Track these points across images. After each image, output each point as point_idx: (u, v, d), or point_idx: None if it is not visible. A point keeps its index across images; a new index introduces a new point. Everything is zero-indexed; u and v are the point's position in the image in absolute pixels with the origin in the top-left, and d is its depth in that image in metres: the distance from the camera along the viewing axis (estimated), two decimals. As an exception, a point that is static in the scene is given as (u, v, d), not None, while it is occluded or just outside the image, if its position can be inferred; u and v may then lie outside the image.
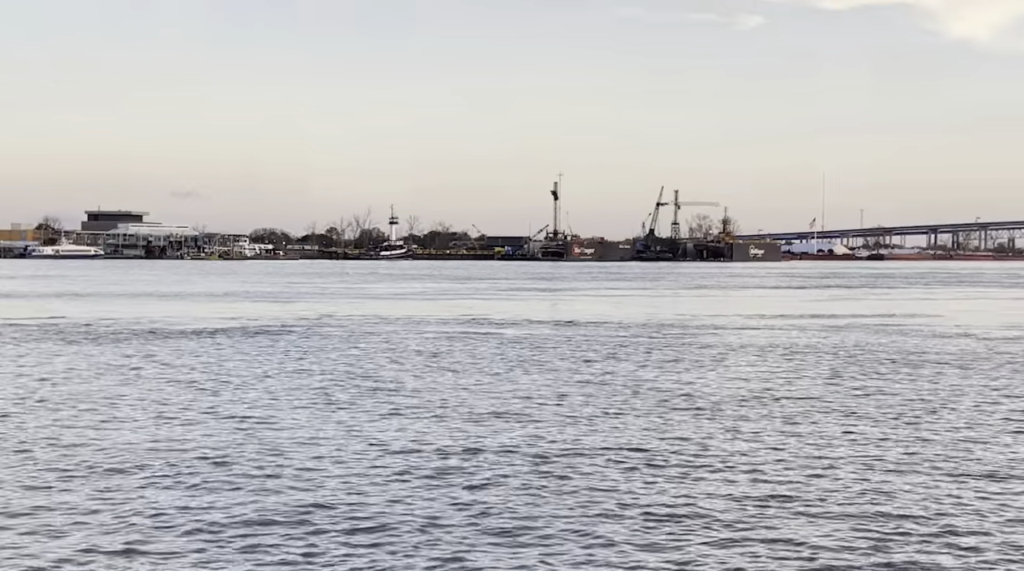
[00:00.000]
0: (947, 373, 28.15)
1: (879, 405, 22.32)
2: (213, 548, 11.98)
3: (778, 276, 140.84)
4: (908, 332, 42.29)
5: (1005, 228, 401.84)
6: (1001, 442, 18.12)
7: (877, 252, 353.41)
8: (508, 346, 35.34)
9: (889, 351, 34.11)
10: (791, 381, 26.34)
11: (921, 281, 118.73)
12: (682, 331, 42.35)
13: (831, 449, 17.42)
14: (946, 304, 68.19)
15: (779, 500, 14.08)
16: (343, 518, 13.14)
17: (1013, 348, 35.50)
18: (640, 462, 16.34)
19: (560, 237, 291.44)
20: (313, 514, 13.31)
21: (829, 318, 51.38)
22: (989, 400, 23.15)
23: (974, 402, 22.80)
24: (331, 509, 13.54)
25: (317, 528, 12.75)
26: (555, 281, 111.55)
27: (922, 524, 12.99)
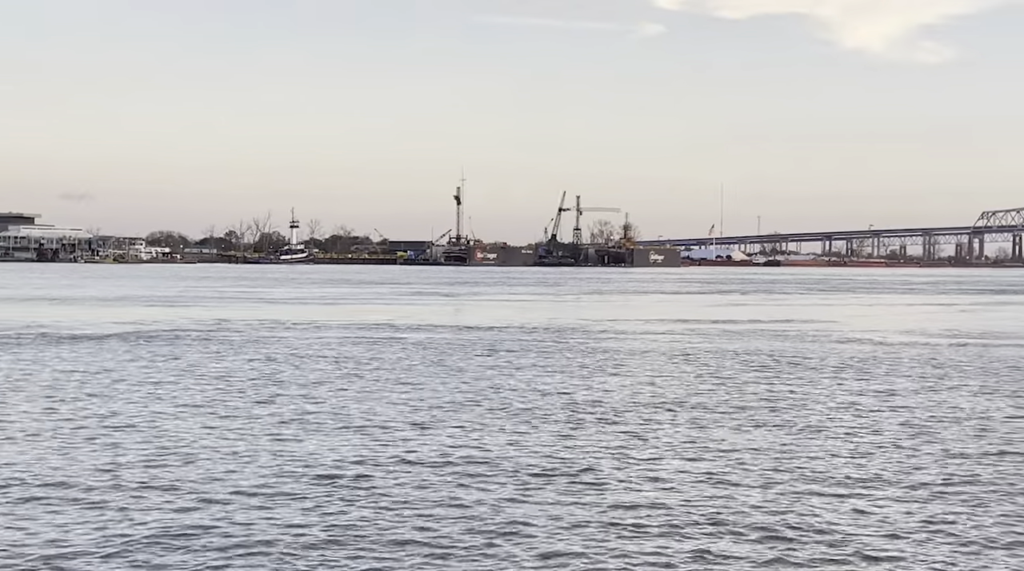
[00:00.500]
0: (846, 377, 28.46)
1: (780, 409, 22.38)
2: (79, 566, 11.36)
3: (678, 281, 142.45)
4: (806, 337, 42.85)
5: (896, 235, 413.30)
6: (903, 446, 18.24)
7: (774, 258, 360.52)
8: (411, 351, 34.87)
9: (788, 356, 34.44)
10: (693, 386, 26.35)
11: (817, 287, 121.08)
12: (585, 336, 42.33)
13: (733, 454, 17.34)
14: (842, 309, 69.48)
15: (683, 506, 13.91)
16: (231, 531, 12.60)
17: (910, 352, 36.13)
18: (546, 470, 16.06)
19: (463, 242, 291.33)
20: (197, 528, 12.74)
21: (729, 323, 51.90)
22: (889, 404, 23.39)
23: (874, 405, 23.01)
24: (219, 521, 12.98)
25: (200, 543, 12.18)
26: (457, 286, 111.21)
27: (825, 532, 12.91)
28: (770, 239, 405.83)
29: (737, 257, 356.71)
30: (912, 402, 23.70)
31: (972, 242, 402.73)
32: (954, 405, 23.28)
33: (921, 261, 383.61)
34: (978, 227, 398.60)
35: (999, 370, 30.59)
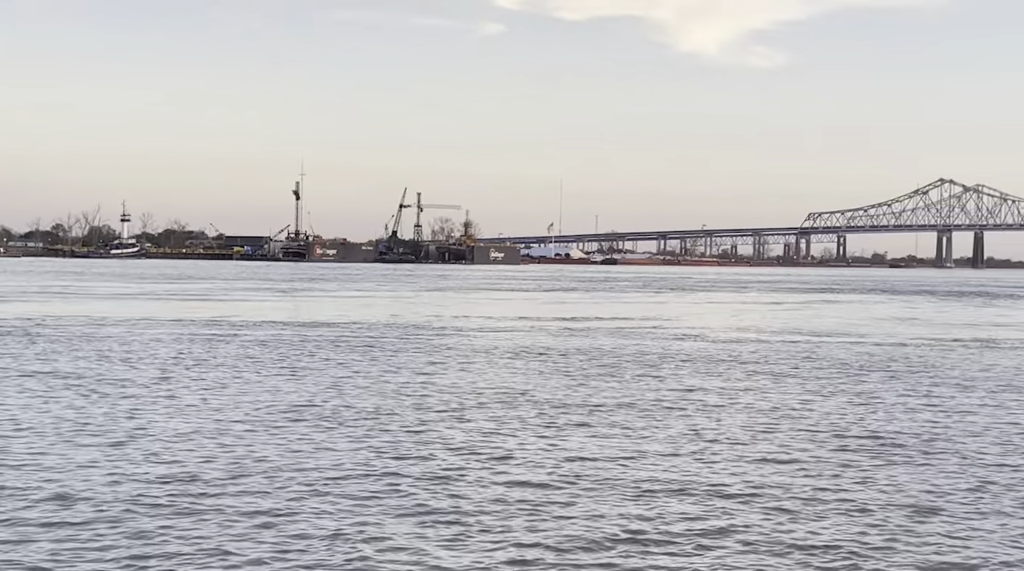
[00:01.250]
0: (685, 373, 28.83)
1: (623, 404, 22.45)
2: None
3: (518, 279, 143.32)
4: (646, 334, 43.42)
5: (728, 235, 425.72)
6: (738, 439, 18.45)
7: (611, 256, 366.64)
8: (249, 349, 33.87)
9: (630, 353, 34.77)
10: (539, 383, 26.26)
11: (653, 285, 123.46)
12: (428, 333, 41.94)
13: (575, 449, 17.23)
14: (679, 307, 70.86)
15: (530, 502, 13.68)
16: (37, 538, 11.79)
17: (744, 348, 36.93)
18: (395, 468, 15.63)
19: (302, 237, 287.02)
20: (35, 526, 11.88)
21: (570, 321, 52.25)
22: (726, 399, 23.72)
23: (714, 401, 23.30)
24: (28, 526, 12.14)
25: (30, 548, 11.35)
26: (296, 282, 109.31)
27: (672, 524, 12.86)
28: (607, 238, 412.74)
29: (575, 255, 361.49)
30: (749, 399, 24.10)
31: (799, 242, 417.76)
32: (788, 402, 23.77)
33: (751, 260, 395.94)
34: (805, 228, 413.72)
35: (828, 367, 31.48)
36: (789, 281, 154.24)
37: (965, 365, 32.47)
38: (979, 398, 24.72)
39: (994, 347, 39.54)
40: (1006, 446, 18.47)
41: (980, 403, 23.87)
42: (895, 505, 14.09)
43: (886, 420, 21.09)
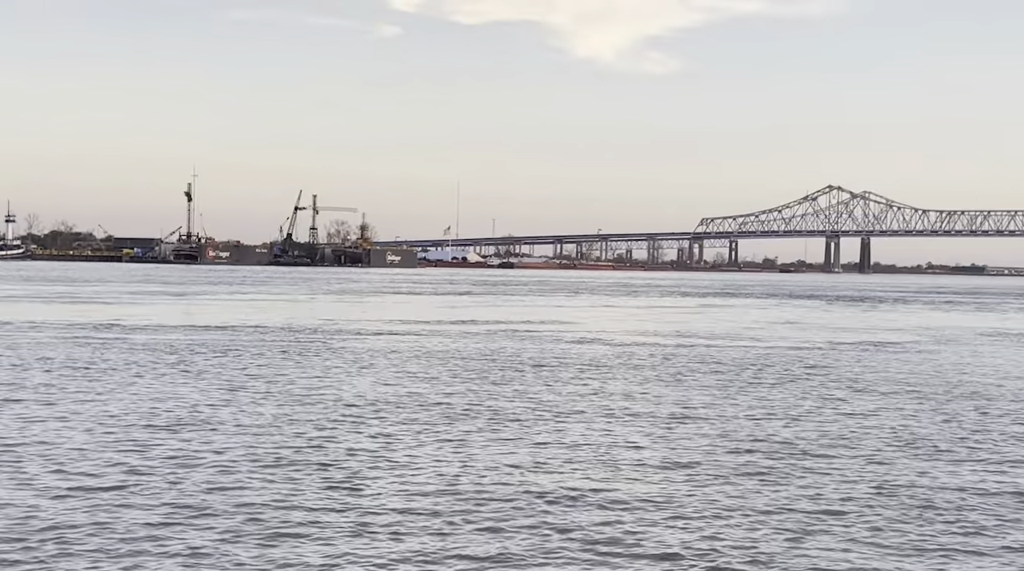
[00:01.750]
0: (587, 376, 28.81)
1: (525, 407, 22.30)
2: None
3: (415, 282, 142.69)
4: (545, 337, 43.42)
5: (623, 240, 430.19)
6: (640, 443, 18.42)
7: (508, 260, 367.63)
8: (139, 353, 32.91)
9: (529, 356, 34.68)
10: (436, 387, 25.98)
11: (550, 288, 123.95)
12: (325, 336, 41.33)
13: (477, 454, 17.01)
14: (577, 311, 71.15)
15: (431, 510, 13.41)
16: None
17: (643, 352, 37.12)
18: (292, 475, 15.20)
19: (194, 239, 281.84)
20: None
21: (469, 324, 52.05)
22: (627, 403, 23.73)
23: (615, 405, 23.28)
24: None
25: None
26: (188, 285, 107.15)
27: (581, 528, 12.71)
28: (504, 241, 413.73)
29: (472, 258, 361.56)
30: (650, 402, 24.15)
31: (692, 247, 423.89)
32: (688, 406, 23.87)
33: (646, 265, 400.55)
34: (698, 233, 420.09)
35: (726, 370, 31.78)
36: (683, 285, 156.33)
37: (858, 368, 33.09)
38: (873, 400, 25.15)
39: (883, 350, 40.43)
40: (903, 448, 18.75)
41: (875, 405, 24.27)
42: (796, 509, 14.14)
43: (786, 423, 21.29)
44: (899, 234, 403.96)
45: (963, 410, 23.72)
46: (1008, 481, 16.05)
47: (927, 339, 47.27)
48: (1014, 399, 25.90)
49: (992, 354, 39.78)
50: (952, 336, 49.93)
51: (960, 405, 24.58)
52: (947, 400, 25.45)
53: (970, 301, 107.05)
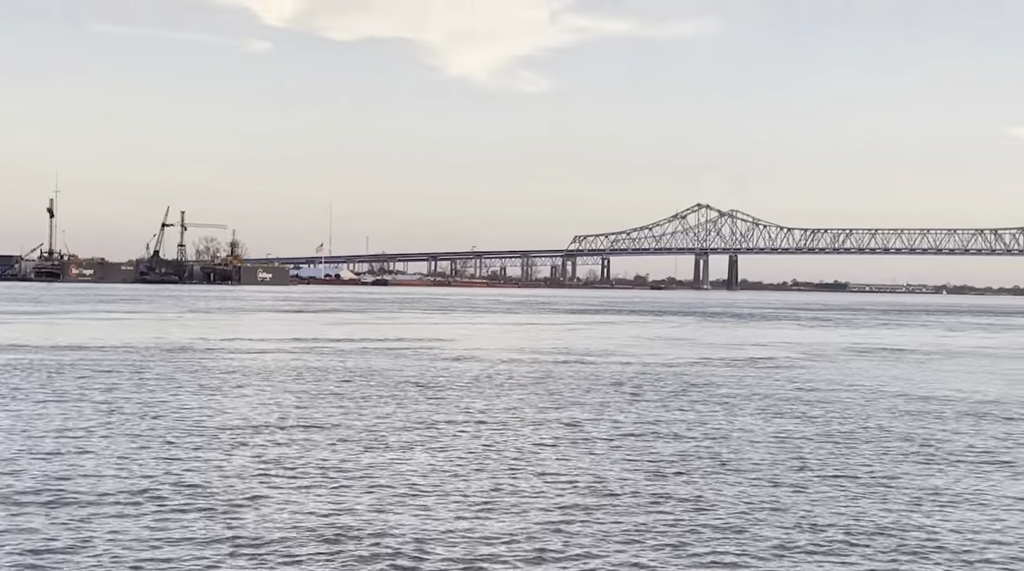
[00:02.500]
0: (464, 394, 28.49)
1: (405, 427, 21.86)
2: None
3: (286, 300, 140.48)
4: (422, 355, 42.96)
5: (498, 257, 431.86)
6: (523, 460, 18.17)
7: (382, 277, 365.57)
8: None
9: (407, 373, 34.20)
10: (313, 406, 25.34)
11: (424, 305, 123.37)
12: (194, 355, 40.13)
13: (359, 473, 16.53)
14: (453, 328, 70.80)
15: (314, 531, 12.90)
16: None
17: (521, 369, 36.95)
18: (168, 496, 14.49)
19: (56, 257, 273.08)
20: None
21: (343, 342, 51.24)
22: (509, 419, 23.48)
23: (496, 421, 22.99)
24: None
25: None
26: (49, 304, 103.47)
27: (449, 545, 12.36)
28: (378, 258, 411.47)
29: (346, 276, 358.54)
30: (532, 419, 23.94)
31: (566, 264, 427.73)
32: (570, 422, 23.73)
33: (520, 282, 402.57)
34: (571, 250, 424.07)
35: (605, 386, 31.81)
36: (558, 302, 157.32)
37: (734, 383, 33.46)
38: (751, 415, 25.40)
39: (757, 365, 41.07)
40: (776, 463, 18.88)
41: (754, 420, 24.50)
42: (678, 522, 14.04)
43: (667, 439, 21.28)
44: (765, 252, 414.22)
45: (838, 424, 24.10)
46: (877, 492, 16.26)
47: (797, 355, 48.25)
48: (887, 413, 26.45)
49: (860, 370, 40.74)
50: (820, 352, 51.08)
51: (835, 419, 24.98)
52: (822, 415, 25.85)
53: (835, 317, 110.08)
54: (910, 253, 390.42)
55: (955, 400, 29.63)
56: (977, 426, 24.21)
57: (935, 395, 30.93)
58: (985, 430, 23.56)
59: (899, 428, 23.54)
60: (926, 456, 19.80)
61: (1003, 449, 20.88)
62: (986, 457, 19.85)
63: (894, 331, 78.60)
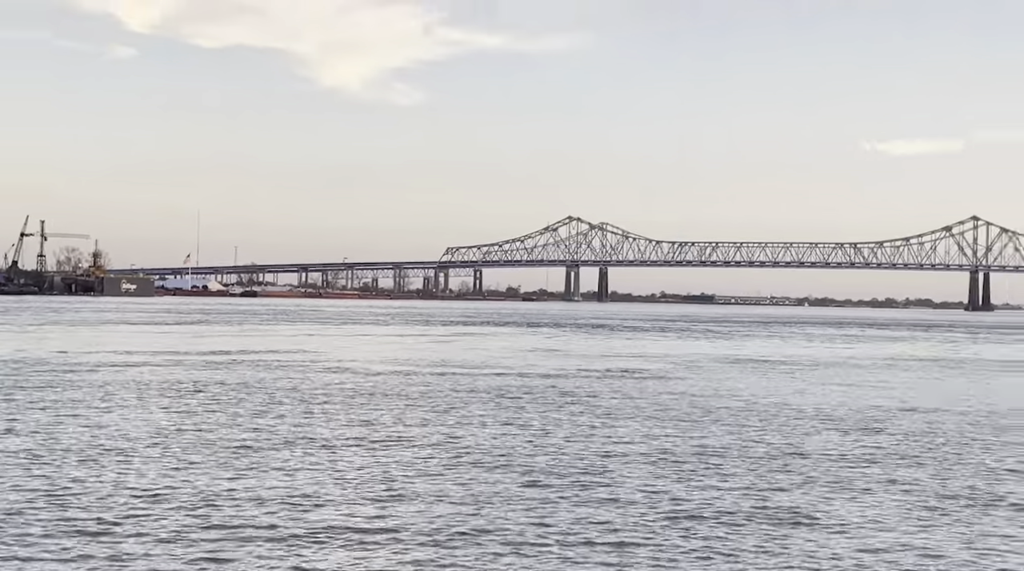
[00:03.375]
0: (341, 406, 28.01)
1: (284, 442, 21.33)
2: None
3: (151, 311, 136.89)
4: (295, 367, 42.18)
5: (369, 268, 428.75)
6: (408, 475, 17.88)
7: (251, 289, 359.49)
8: None
9: (281, 386, 33.50)
10: (185, 420, 24.56)
11: (296, 317, 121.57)
12: (56, 369, 38.61)
13: (239, 491, 16.01)
14: (325, 339, 69.79)
15: (182, 553, 12.40)
16: None
17: (399, 381, 36.54)
18: (37, 515, 13.75)
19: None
20: None
21: (211, 354, 50.00)
22: (390, 432, 23.12)
23: (379, 435, 22.62)
24: None
25: None
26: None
27: None
28: (247, 270, 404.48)
29: (214, 287, 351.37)
30: (413, 432, 23.63)
31: (438, 276, 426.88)
32: (451, 435, 23.50)
33: (392, 293, 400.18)
34: (443, 262, 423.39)
35: (486, 399, 31.66)
36: (431, 314, 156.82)
37: (609, 393, 33.65)
38: (628, 424, 25.53)
39: (631, 376, 41.43)
40: (658, 476, 18.96)
41: (631, 429, 24.62)
42: (562, 534, 13.93)
43: (551, 450, 21.21)
44: (635, 264, 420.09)
45: (715, 433, 24.38)
46: (755, 495, 16.43)
47: (671, 365, 48.87)
48: (762, 423, 26.88)
49: (732, 380, 41.43)
50: (692, 362, 51.85)
51: (711, 428, 25.26)
52: (699, 424, 26.13)
53: (703, 329, 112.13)
54: (774, 266, 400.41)
55: (822, 410, 30.31)
56: (846, 436, 24.77)
57: (804, 405, 31.60)
58: (853, 440, 24.11)
59: (774, 438, 23.93)
60: (800, 467, 20.12)
61: (868, 459, 21.37)
62: (855, 467, 20.27)
63: (761, 342, 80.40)
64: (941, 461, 21.07)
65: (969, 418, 29.04)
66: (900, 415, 29.29)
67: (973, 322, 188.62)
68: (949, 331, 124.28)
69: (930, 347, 78.74)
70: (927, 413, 29.98)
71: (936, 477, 19.14)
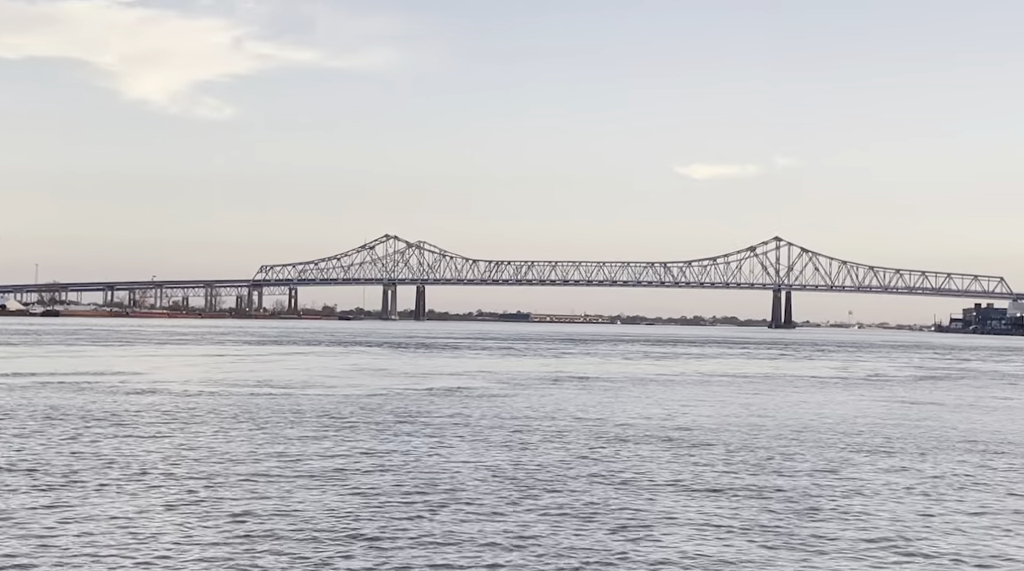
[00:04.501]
0: (160, 429, 27.05)
1: (93, 467, 20.42)
2: None
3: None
4: (106, 389, 40.55)
5: (179, 287, 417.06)
6: (228, 497, 17.36)
7: (53, 308, 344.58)
8: None
9: (88, 409, 32.11)
10: None
11: (102, 337, 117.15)
12: None
13: (52, 520, 15.23)
14: (136, 360, 67.41)
15: None
16: None
17: (215, 402, 35.53)
18: None
19: None
20: None
21: (10, 377, 47.59)
22: (207, 455, 22.43)
23: (195, 457, 21.91)
24: None
25: None
26: None
27: None
28: (49, 288, 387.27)
29: (13, 306, 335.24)
30: (237, 453, 23.00)
31: (252, 294, 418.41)
32: (284, 455, 22.98)
33: (204, 312, 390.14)
34: (257, 280, 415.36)
35: (314, 418, 31.11)
36: (246, 333, 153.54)
37: (437, 412, 33.56)
38: (461, 443, 25.51)
39: (455, 393, 41.45)
40: (492, 492, 18.99)
41: (466, 447, 24.61)
42: (403, 558, 13.79)
43: (382, 471, 20.98)
44: (452, 282, 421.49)
45: (545, 449, 24.59)
46: (587, 516, 16.64)
47: (493, 383, 49.10)
48: (590, 438, 27.26)
49: (555, 397, 41.92)
50: (513, 379, 52.25)
51: (542, 446, 25.47)
52: (531, 442, 26.31)
53: (521, 346, 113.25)
54: (588, 285, 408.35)
55: (645, 425, 30.96)
56: (670, 451, 25.36)
57: (628, 421, 32.23)
58: (677, 455, 24.70)
59: (603, 453, 24.29)
60: (625, 480, 20.48)
61: (690, 472, 21.94)
62: (679, 481, 20.77)
63: (579, 359, 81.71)
64: (758, 473, 21.78)
65: (782, 431, 30.14)
66: (720, 430, 30.17)
67: (777, 339, 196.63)
68: (757, 348, 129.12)
69: (741, 363, 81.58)
70: (744, 429, 30.99)
71: (754, 487, 19.76)
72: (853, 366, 79.66)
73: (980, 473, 22.59)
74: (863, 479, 21.24)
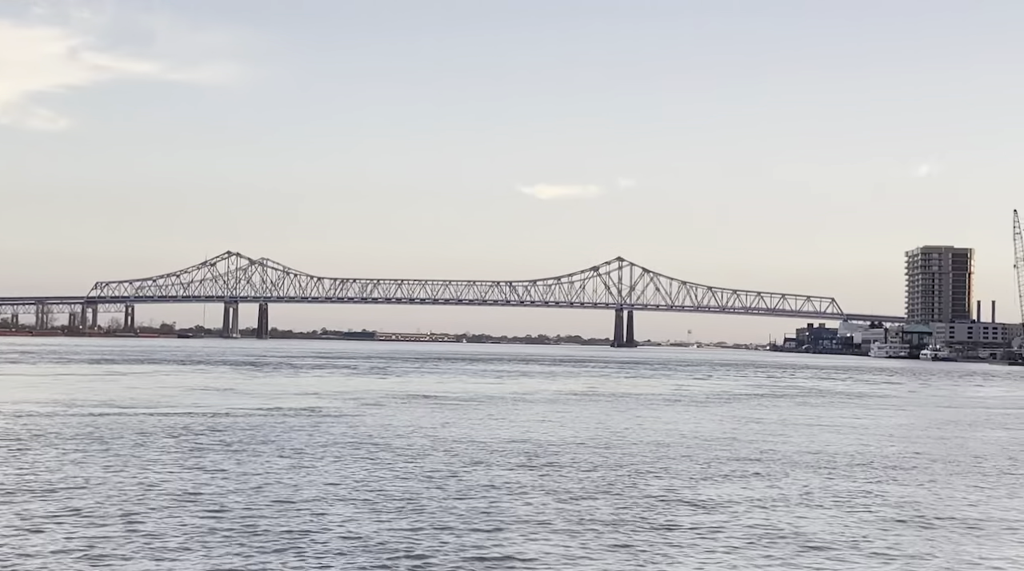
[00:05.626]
0: (8, 451, 25.92)
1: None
2: None
3: None
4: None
5: (8, 303, 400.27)
6: (97, 521, 16.77)
7: None
8: None
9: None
10: None
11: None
12: None
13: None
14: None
15: None
16: None
17: (55, 423, 34.22)
18: None
19: None
20: None
21: None
22: (52, 477, 21.62)
23: (41, 479, 21.08)
24: None
25: None
26: None
27: None
28: None
29: None
30: (83, 475, 22.22)
31: (86, 312, 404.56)
32: (144, 478, 22.32)
33: (34, 330, 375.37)
34: (92, 297, 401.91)
35: (157, 438, 30.27)
36: (80, 352, 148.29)
37: (286, 431, 33.04)
38: (322, 463, 25.20)
39: (306, 413, 40.91)
40: (357, 512, 18.84)
41: (325, 469, 24.31)
42: None
43: (237, 489, 20.56)
44: (296, 300, 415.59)
45: (407, 469, 24.49)
46: (455, 523, 16.67)
47: (344, 402, 48.61)
48: (444, 454, 27.25)
49: (409, 416, 41.80)
50: (364, 398, 51.84)
51: (401, 465, 25.36)
52: (385, 460, 26.16)
53: (367, 366, 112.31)
54: (433, 303, 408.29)
55: (500, 445, 31.14)
56: (527, 464, 25.57)
57: (483, 440, 32.35)
58: (533, 475, 24.93)
59: (467, 469, 24.33)
60: (484, 496, 20.59)
61: (546, 492, 22.19)
62: (535, 501, 20.98)
63: (427, 378, 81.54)
64: (608, 489, 22.14)
65: (635, 448, 30.69)
66: (570, 446, 30.53)
67: (620, 357, 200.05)
68: (604, 366, 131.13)
69: (591, 381, 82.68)
70: (599, 447, 31.43)
71: (609, 504, 20.09)
72: (696, 385, 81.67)
73: (824, 484, 23.46)
74: (716, 494, 21.79)
